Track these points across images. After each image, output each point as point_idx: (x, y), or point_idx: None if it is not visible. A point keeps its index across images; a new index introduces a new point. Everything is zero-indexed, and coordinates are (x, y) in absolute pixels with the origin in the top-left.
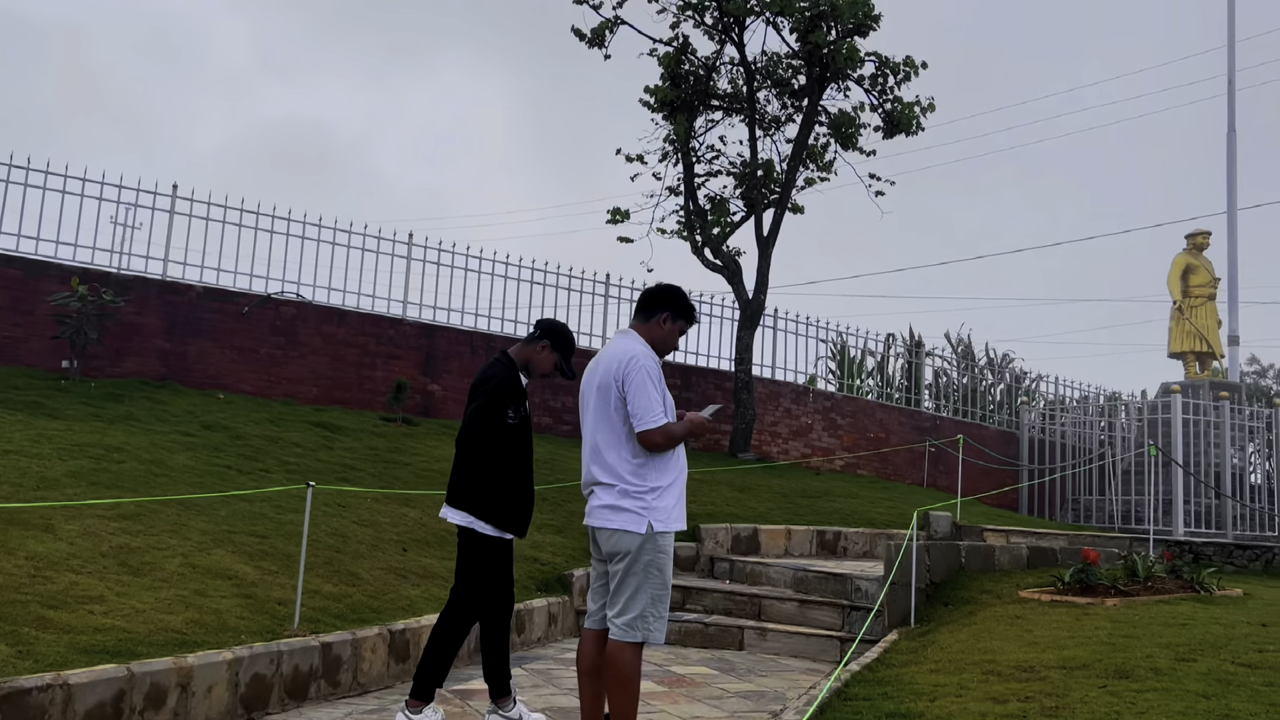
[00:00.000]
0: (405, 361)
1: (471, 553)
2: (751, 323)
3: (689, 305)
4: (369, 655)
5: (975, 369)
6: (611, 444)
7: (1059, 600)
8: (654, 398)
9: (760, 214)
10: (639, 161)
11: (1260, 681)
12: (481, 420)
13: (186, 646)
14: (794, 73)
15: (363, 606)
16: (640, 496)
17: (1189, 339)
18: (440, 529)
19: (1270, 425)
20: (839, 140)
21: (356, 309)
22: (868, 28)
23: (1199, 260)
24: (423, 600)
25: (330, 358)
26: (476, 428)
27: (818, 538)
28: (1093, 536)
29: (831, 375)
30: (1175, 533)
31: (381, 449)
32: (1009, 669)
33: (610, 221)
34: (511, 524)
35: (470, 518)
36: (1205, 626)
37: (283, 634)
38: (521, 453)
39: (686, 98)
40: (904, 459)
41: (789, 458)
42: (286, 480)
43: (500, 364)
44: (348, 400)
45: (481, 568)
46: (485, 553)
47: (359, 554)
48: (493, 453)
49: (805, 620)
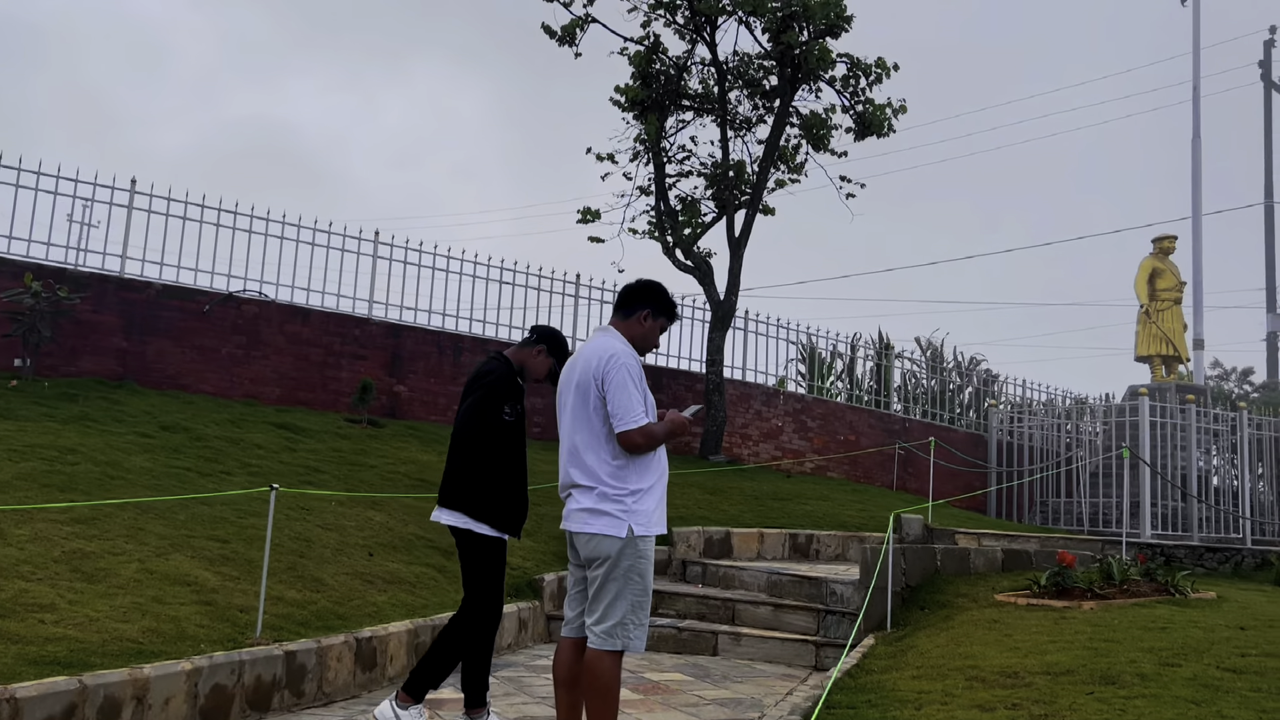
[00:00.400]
0: (371, 362)
1: (473, 556)
2: (723, 324)
3: (670, 301)
4: (334, 664)
5: (944, 372)
6: (590, 445)
7: (1035, 604)
8: (635, 397)
9: (731, 215)
10: (610, 161)
11: (1248, 687)
12: (478, 415)
13: (143, 657)
14: (765, 73)
15: (328, 613)
16: (620, 499)
17: (1156, 342)
18: (407, 533)
19: (1235, 428)
20: (810, 141)
21: (321, 308)
22: (840, 29)
23: (1165, 264)
24: (390, 606)
25: (294, 357)
26: (473, 423)
27: (790, 541)
28: (1064, 539)
29: (801, 377)
30: (1143, 535)
31: (346, 451)
32: (993, 675)
33: (581, 221)
34: (508, 524)
35: (467, 519)
36: (1185, 630)
37: (244, 642)
38: (517, 452)
39: (657, 97)
40: (874, 461)
41: (760, 460)
42: (248, 483)
43: (497, 360)
44: (312, 401)
45: (488, 569)
46: (486, 554)
47: (324, 559)
48: (489, 451)
49: (780, 625)
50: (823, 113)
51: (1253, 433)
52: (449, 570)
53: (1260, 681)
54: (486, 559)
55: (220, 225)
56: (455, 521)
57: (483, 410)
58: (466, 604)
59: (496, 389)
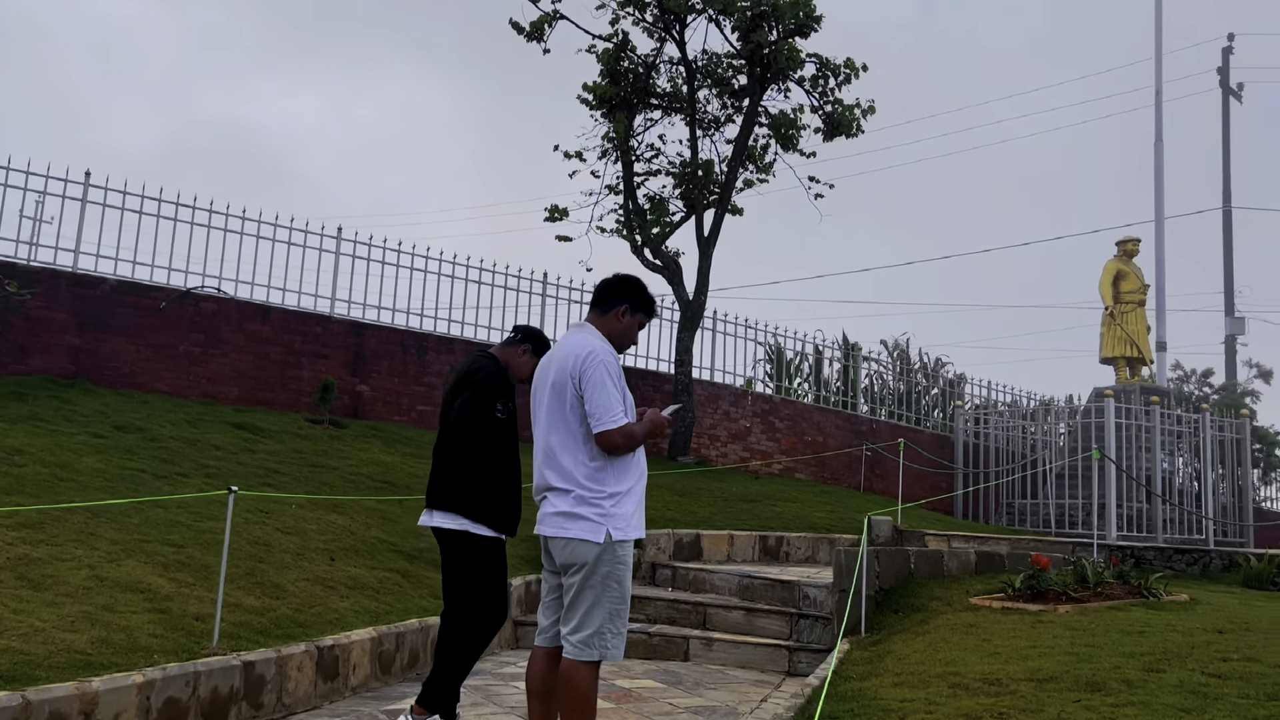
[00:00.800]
0: (333, 360)
1: (471, 559)
2: (692, 324)
3: (649, 297)
4: (295, 674)
5: (910, 373)
6: (567, 446)
7: (1011, 607)
8: (614, 396)
9: (701, 214)
10: (578, 158)
11: (1235, 694)
12: (472, 413)
13: (91, 669)
14: (735, 72)
15: (288, 621)
16: (598, 503)
17: (1120, 344)
18: (370, 537)
19: (1198, 430)
20: (779, 141)
21: (282, 305)
22: (809, 28)
23: (1130, 267)
24: (352, 613)
25: (253, 356)
26: (467, 422)
27: (760, 543)
28: (1034, 541)
29: (768, 378)
30: (1109, 537)
31: (307, 452)
32: (976, 682)
33: (548, 219)
34: (506, 524)
35: (464, 520)
36: (1163, 634)
37: (200, 653)
38: (510, 450)
39: (626, 95)
40: (841, 462)
41: (728, 461)
42: (205, 485)
43: (486, 357)
44: (271, 401)
45: (490, 571)
46: (487, 555)
47: (283, 564)
48: (484, 449)
49: (752, 629)
50: (791, 113)
51: (1215, 434)
52: (413, 575)
53: (1247, 688)
54: (487, 561)
55: (178, 220)
56: (451, 524)
57: (476, 408)
58: (458, 610)
59: (488, 386)
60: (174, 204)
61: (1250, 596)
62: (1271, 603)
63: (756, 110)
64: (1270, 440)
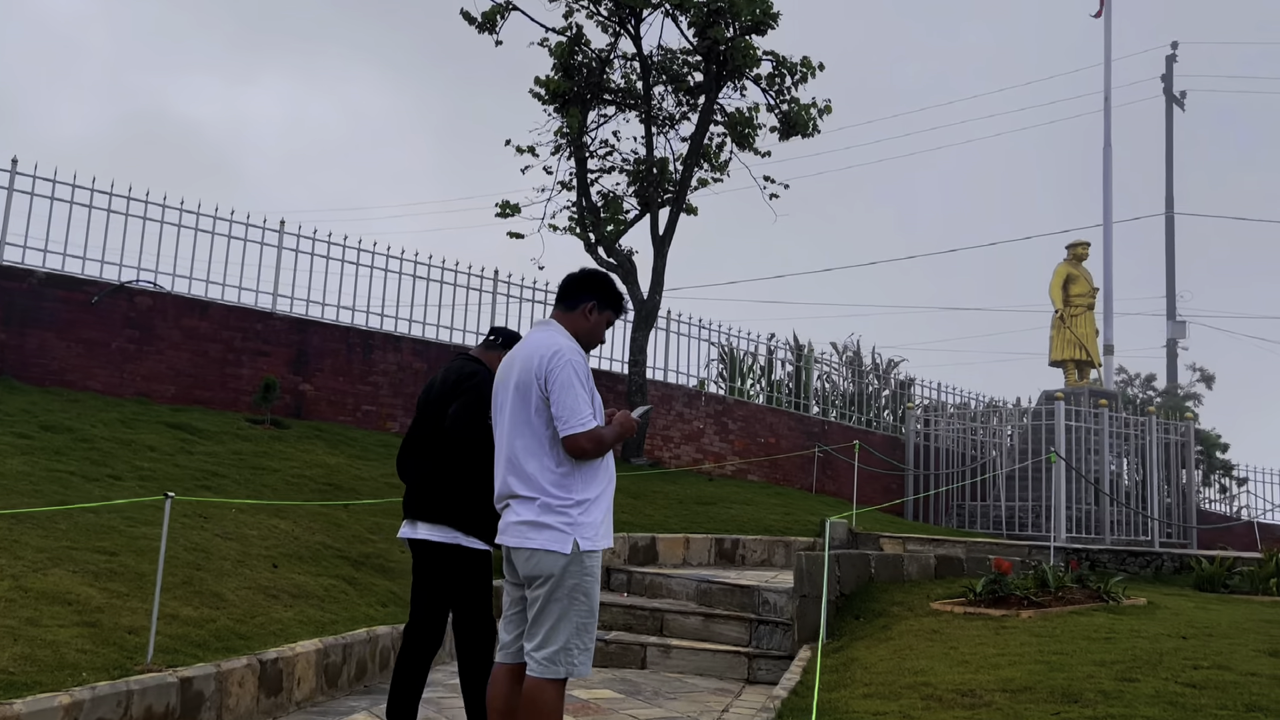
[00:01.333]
0: (275, 358)
1: (463, 574)
2: (646, 324)
3: (618, 293)
4: (236, 690)
5: (861, 374)
6: (532, 451)
7: (973, 612)
8: (582, 397)
9: (656, 213)
10: (530, 154)
11: (1214, 704)
12: (471, 420)
13: (13, 690)
14: (690, 69)
15: (228, 633)
16: (565, 511)
17: (1070, 347)
18: (314, 542)
19: (1144, 433)
20: (735, 140)
21: (221, 301)
22: (766, 26)
23: (1079, 270)
24: (296, 624)
25: (191, 353)
26: (465, 429)
27: (716, 546)
28: (990, 544)
29: (721, 379)
30: (1058, 538)
31: (248, 453)
32: (949, 693)
33: (500, 215)
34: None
35: (455, 533)
36: (1129, 640)
37: (133, 669)
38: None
39: (579, 90)
40: (793, 464)
41: (681, 463)
42: (139, 488)
43: (476, 361)
44: (210, 400)
45: (484, 585)
46: (480, 569)
47: (223, 572)
48: (479, 458)
49: (711, 635)
50: (747, 111)
51: (1161, 437)
52: (359, 582)
53: (1224, 698)
54: (481, 575)
55: (112, 211)
56: (439, 536)
57: (475, 415)
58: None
59: (484, 392)
60: (107, 194)
61: (1204, 599)
62: (1225, 606)
63: (712, 108)
64: (1212, 443)
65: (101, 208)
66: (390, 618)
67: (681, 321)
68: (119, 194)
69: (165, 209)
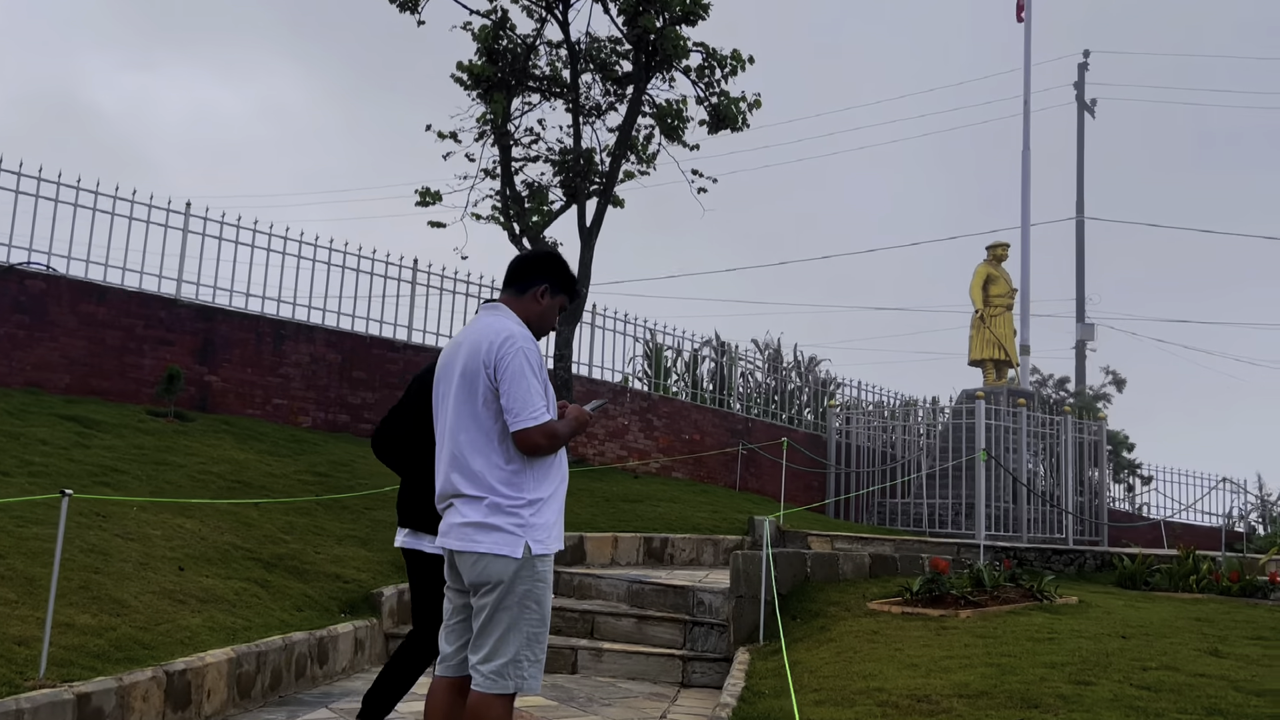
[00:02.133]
0: (179, 348)
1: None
2: (573, 318)
3: (571, 276)
4: (140, 705)
5: (783, 372)
6: (479, 447)
7: (911, 612)
8: (535, 389)
9: (583, 204)
10: (452, 139)
11: (1174, 709)
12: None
13: None
14: (619, 58)
15: (130, 642)
16: (515, 512)
17: (989, 347)
18: (223, 543)
19: (1060, 432)
20: (664, 132)
21: (122, 286)
22: (697, 16)
23: (999, 271)
24: (206, 631)
25: (88, 340)
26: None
27: (645, 545)
28: (919, 542)
29: (646, 375)
30: (977, 536)
31: (150, 448)
32: (903, 700)
33: (420, 203)
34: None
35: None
36: (1073, 641)
37: (24, 685)
38: None
39: (504, 76)
40: (717, 461)
41: (605, 460)
42: (30, 485)
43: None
44: (109, 391)
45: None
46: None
47: (124, 575)
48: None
49: (644, 638)
50: (677, 103)
51: (1075, 436)
52: (273, 585)
53: (1182, 701)
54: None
55: (0, 188)
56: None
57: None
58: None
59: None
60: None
61: (1131, 597)
62: (1152, 604)
63: (641, 99)
64: (1120, 443)
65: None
66: (306, 623)
67: (608, 316)
68: (9, 169)
69: (60, 187)
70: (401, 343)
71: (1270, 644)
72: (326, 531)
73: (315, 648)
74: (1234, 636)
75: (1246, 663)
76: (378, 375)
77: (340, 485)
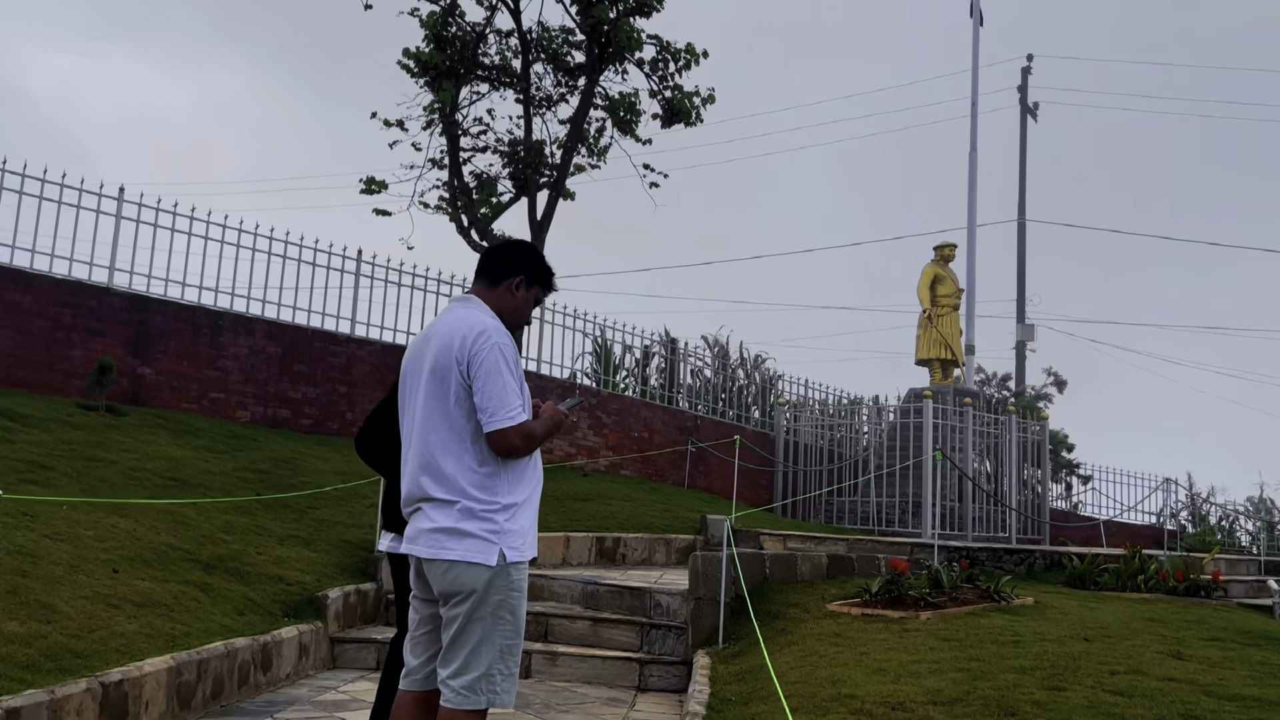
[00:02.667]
0: (111, 339)
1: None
2: None
3: (548, 268)
4: (73, 719)
5: (730, 369)
6: (450, 448)
7: (871, 614)
8: (510, 386)
9: (533, 196)
10: (399, 127)
11: (1149, 715)
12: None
13: None
14: (571, 49)
15: (62, 651)
16: (489, 517)
17: (936, 347)
18: (159, 544)
19: (1004, 431)
20: (617, 125)
21: (50, 273)
22: (651, 8)
23: (946, 271)
24: (142, 637)
25: (13, 330)
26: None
27: (597, 545)
28: (872, 541)
29: (594, 372)
30: (924, 535)
31: (80, 443)
32: (878, 707)
33: (365, 192)
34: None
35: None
36: (1037, 644)
37: None
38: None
39: (452, 64)
40: (666, 459)
41: (554, 457)
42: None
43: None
44: (35, 383)
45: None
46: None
47: (54, 579)
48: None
49: (600, 641)
50: (630, 96)
51: (1019, 436)
52: (213, 588)
53: (1157, 707)
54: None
55: None
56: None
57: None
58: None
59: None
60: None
61: (1081, 597)
62: (1105, 604)
63: (594, 91)
64: (1060, 442)
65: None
66: (249, 628)
67: (557, 311)
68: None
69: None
70: (345, 335)
71: (1227, 646)
72: (268, 531)
73: (259, 654)
74: (1190, 638)
75: (1210, 665)
76: (320, 369)
77: (282, 483)
